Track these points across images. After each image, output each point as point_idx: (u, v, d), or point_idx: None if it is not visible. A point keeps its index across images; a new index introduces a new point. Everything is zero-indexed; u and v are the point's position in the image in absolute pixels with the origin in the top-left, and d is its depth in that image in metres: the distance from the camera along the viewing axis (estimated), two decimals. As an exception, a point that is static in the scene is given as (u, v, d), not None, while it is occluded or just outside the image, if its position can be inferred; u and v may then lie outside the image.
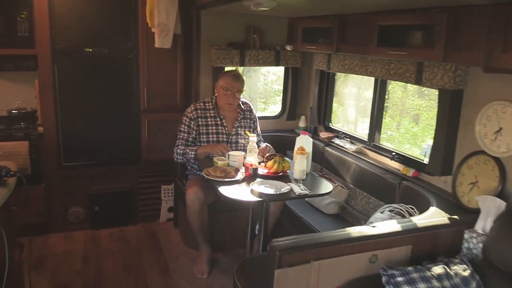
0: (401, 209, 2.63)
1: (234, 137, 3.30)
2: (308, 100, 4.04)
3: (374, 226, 2.03)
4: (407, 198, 2.70)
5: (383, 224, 2.10)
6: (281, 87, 4.33)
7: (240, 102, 3.36)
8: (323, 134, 3.68)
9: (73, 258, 3.37)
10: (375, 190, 2.98)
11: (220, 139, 3.27)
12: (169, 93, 3.80)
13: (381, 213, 2.70)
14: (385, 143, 3.27)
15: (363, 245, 1.89)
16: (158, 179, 3.99)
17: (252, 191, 2.50)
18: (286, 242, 1.79)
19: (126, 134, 3.80)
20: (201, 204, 2.97)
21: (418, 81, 2.54)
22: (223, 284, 3.03)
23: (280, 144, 3.80)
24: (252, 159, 2.74)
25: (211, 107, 3.29)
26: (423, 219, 2.16)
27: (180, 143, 3.27)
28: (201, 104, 3.30)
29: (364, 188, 3.10)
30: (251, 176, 2.73)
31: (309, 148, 2.84)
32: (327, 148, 3.55)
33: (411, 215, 2.56)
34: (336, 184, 3.16)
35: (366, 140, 3.30)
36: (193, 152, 3.15)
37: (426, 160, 2.74)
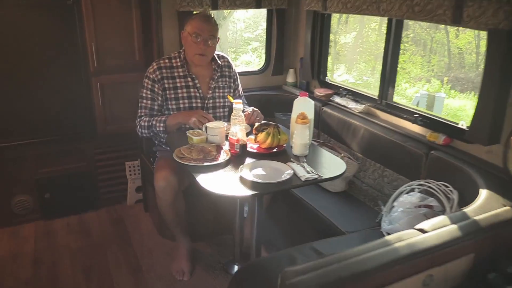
0: (434, 188, 2.06)
1: (210, 102, 2.61)
2: (297, 49, 3.33)
3: (423, 231, 1.44)
4: (437, 172, 2.14)
5: (431, 222, 1.51)
6: (252, 35, 3.58)
7: (216, 56, 2.64)
8: (319, 91, 3.02)
9: (20, 262, 2.71)
10: (393, 162, 2.40)
11: (194, 105, 2.58)
12: (125, 48, 3.01)
13: (407, 194, 2.13)
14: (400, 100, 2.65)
15: (414, 265, 1.30)
16: (120, 154, 3.29)
17: (241, 178, 1.86)
18: (306, 277, 1.18)
19: (74, 103, 3.04)
20: (174, 192, 2.32)
21: (457, 20, 1.89)
22: (209, 286, 2.46)
23: (266, 105, 3.14)
24: (239, 132, 2.08)
25: (179, 64, 2.56)
26: (481, 211, 1.58)
27: (143, 113, 2.56)
28: (166, 61, 2.56)
29: (377, 159, 2.51)
30: (238, 155, 2.09)
31: (311, 115, 2.19)
32: (325, 109, 2.91)
33: (447, 197, 2.00)
34: (342, 155, 2.55)
35: (376, 97, 2.67)
36: (161, 124, 2.46)
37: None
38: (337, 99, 2.87)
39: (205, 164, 1.97)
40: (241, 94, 2.85)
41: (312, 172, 1.93)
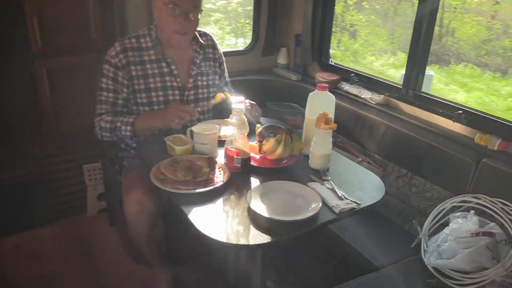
0: (490, 207, 1.61)
1: (192, 93, 2.03)
2: (290, 24, 2.76)
3: None
4: (491, 186, 1.68)
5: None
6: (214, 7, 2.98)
7: (197, 34, 2.04)
8: (322, 76, 2.49)
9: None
10: (427, 170, 1.92)
11: (170, 97, 1.99)
12: (77, 23, 2.34)
13: (455, 213, 1.67)
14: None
15: None
16: (76, 156, 2.65)
17: (251, 213, 1.33)
18: None
19: (15, 95, 2.35)
20: (151, 220, 1.76)
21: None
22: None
23: (254, 93, 2.57)
24: (241, 142, 1.53)
25: (149, 44, 1.95)
26: None
27: (103, 110, 1.95)
28: (133, 40, 1.94)
29: (403, 164, 2.03)
30: (239, 172, 1.55)
31: (331, 115, 1.66)
32: (331, 98, 2.38)
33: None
34: (360, 159, 2.06)
35: (399, 86, 2.16)
36: (128, 128, 1.86)
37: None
38: (346, 87, 2.35)
39: (197, 190, 1.41)
40: (228, 81, 2.28)
41: (345, 198, 1.42)
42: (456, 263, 1.51)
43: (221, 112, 2.26)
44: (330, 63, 2.58)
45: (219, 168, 1.56)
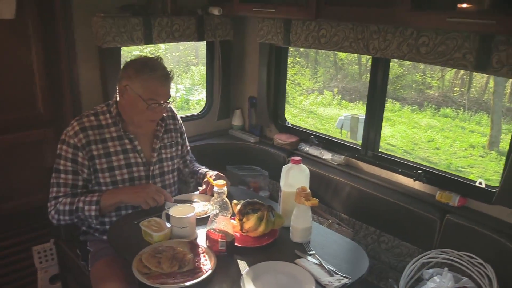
0: (462, 263, 1.71)
1: (157, 167, 1.98)
2: (244, 87, 2.82)
3: None
4: (458, 241, 1.80)
5: None
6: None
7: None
8: (280, 138, 2.55)
9: None
10: (395, 227, 2.01)
11: (135, 174, 1.91)
12: (22, 96, 2.21)
13: (434, 274, 1.75)
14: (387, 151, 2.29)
15: None
16: (22, 238, 2.42)
17: (247, 301, 1.29)
18: None
19: None
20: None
21: (482, 66, 1.57)
22: None
23: (213, 157, 2.58)
24: (226, 226, 1.50)
25: (109, 121, 1.88)
26: None
27: (61, 193, 1.83)
28: (91, 118, 1.86)
29: (370, 222, 2.11)
30: (226, 254, 1.51)
31: (307, 186, 1.69)
32: (292, 160, 2.44)
33: (481, 274, 1.66)
34: (330, 221, 2.10)
35: (357, 146, 2.27)
36: (93, 207, 1.76)
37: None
38: (306, 148, 2.42)
39: (187, 284, 1.35)
40: (189, 149, 2.25)
41: (335, 273, 1.44)
42: (440, 323, 1.57)
43: (186, 182, 2.22)
44: (287, 124, 2.66)
45: (203, 253, 1.51)
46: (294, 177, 1.68)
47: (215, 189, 1.50)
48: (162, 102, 1.79)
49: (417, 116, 10.55)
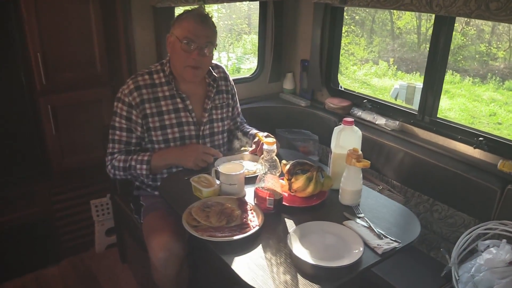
0: (522, 236, 1.61)
1: (207, 127, 2.00)
2: (296, 50, 2.76)
3: None
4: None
5: None
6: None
7: (209, 67, 2.02)
8: (332, 102, 2.48)
9: None
10: (450, 196, 1.93)
11: (186, 133, 1.95)
12: (82, 57, 2.28)
13: (490, 245, 1.66)
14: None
15: None
16: (82, 192, 2.57)
17: (294, 259, 1.29)
18: None
19: (19, 133, 2.27)
20: (179, 263, 1.71)
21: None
22: None
23: (263, 120, 2.57)
24: (274, 184, 1.50)
25: (163, 80, 1.91)
26: None
27: (116, 150, 1.90)
28: (146, 77, 1.90)
29: (423, 190, 2.03)
30: (272, 212, 1.51)
31: (359, 149, 1.64)
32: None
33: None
34: (381, 187, 2.05)
35: (414, 112, 2.17)
36: (144, 166, 1.83)
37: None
38: (359, 113, 2.35)
39: (235, 237, 1.37)
40: (240, 112, 2.25)
41: (385, 236, 1.40)
42: (495, 295, 1.51)
43: (233, 144, 2.23)
44: (340, 88, 2.58)
45: (250, 210, 1.52)
46: (346, 139, 1.63)
47: (265, 146, 1.49)
48: (198, 43, 1.77)
49: (479, 89, 9.93)
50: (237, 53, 10.44)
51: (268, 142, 1.49)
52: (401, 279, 1.77)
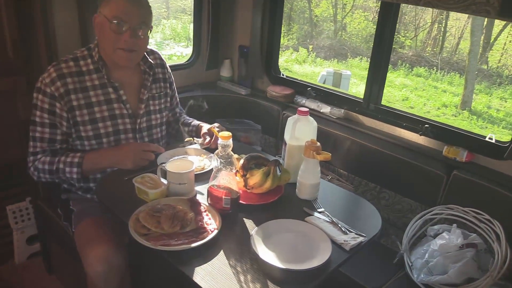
0: (469, 219, 1.67)
1: (144, 120, 1.80)
2: (234, 35, 2.62)
3: None
4: (463, 198, 1.74)
5: None
6: None
7: (145, 54, 1.81)
8: (274, 90, 2.40)
9: None
10: (396, 183, 1.94)
11: (121, 127, 1.74)
12: (-11, 41, 1.95)
13: (439, 230, 1.70)
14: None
15: None
16: (-4, 197, 2.24)
17: (261, 263, 1.19)
18: None
19: None
20: (120, 275, 1.52)
21: (506, 12, 1.45)
22: None
23: (201, 110, 2.41)
24: (230, 182, 1.37)
25: (91, 67, 1.68)
26: None
27: (39, 148, 1.65)
28: (70, 64, 1.65)
29: (370, 178, 2.03)
30: (229, 212, 1.39)
31: (315, 139, 1.57)
32: (288, 113, 2.31)
33: (488, 230, 1.62)
34: (330, 177, 2.01)
35: (359, 99, 2.15)
36: (74, 170, 1.61)
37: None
38: (303, 101, 2.28)
39: (193, 245, 1.23)
40: (178, 101, 2.08)
41: (350, 231, 1.35)
42: (449, 279, 1.54)
43: (175, 135, 2.06)
44: (281, 76, 2.50)
45: (205, 211, 1.38)
46: (301, 130, 1.55)
47: (220, 141, 1.35)
48: (130, 23, 1.57)
49: (391, 75, 10.56)
50: (156, 39, 10.00)
51: (224, 136, 1.35)
52: (354, 268, 1.75)
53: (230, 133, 1.36)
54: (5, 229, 2.29)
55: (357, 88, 9.59)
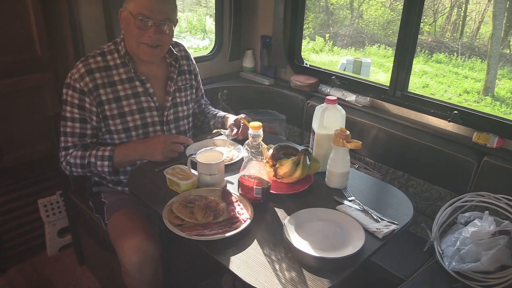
0: (501, 205, 1.64)
1: (171, 112, 1.82)
2: (256, 25, 2.61)
3: None
4: (494, 184, 1.72)
5: None
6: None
7: (170, 46, 1.83)
8: (298, 79, 2.39)
9: None
10: (425, 171, 1.92)
11: (149, 120, 1.76)
12: (18, 38, 1.99)
13: (470, 217, 1.68)
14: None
15: None
16: (28, 191, 2.30)
17: (294, 251, 1.20)
18: None
19: None
20: (155, 266, 1.55)
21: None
22: None
23: (227, 103, 2.43)
24: (261, 171, 1.38)
25: (118, 62, 1.70)
26: None
27: (70, 144, 1.68)
28: (98, 59, 1.67)
29: (398, 166, 2.01)
30: (260, 202, 1.40)
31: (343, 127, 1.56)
32: (312, 102, 2.30)
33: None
34: (357, 166, 2.00)
35: (385, 87, 2.13)
36: (105, 163, 1.64)
37: None
38: (327, 90, 2.27)
39: (227, 234, 1.24)
40: (203, 93, 2.09)
41: (382, 219, 1.34)
42: (482, 266, 1.52)
43: (201, 127, 2.08)
44: (305, 65, 2.48)
45: (236, 201, 1.40)
46: (330, 118, 1.54)
47: (250, 131, 1.36)
48: (154, 19, 1.57)
49: (410, 62, 10.36)
50: (172, 33, 10.02)
51: (254, 126, 1.35)
52: (384, 256, 1.74)
53: (260, 123, 1.36)
54: (37, 222, 2.36)
55: (376, 76, 9.46)
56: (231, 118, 1.86)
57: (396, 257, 1.74)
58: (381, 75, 9.69)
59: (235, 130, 1.78)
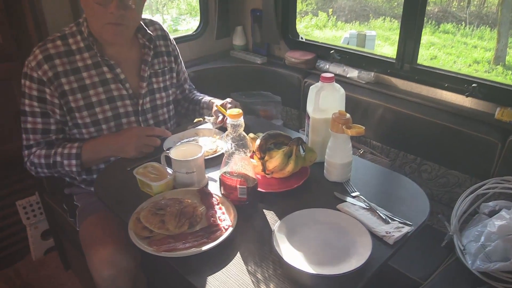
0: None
1: (147, 100, 1.59)
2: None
3: None
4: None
5: None
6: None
7: (143, 24, 1.58)
8: (293, 55, 2.13)
9: None
10: (443, 154, 1.68)
11: (121, 110, 1.53)
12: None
13: (499, 208, 1.44)
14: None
15: None
16: (4, 192, 2.11)
17: (284, 267, 0.98)
18: None
19: None
20: (130, 279, 1.34)
21: None
22: None
23: (214, 83, 2.19)
24: (238, 162, 1.15)
25: (81, 45, 1.47)
26: None
27: (32, 141, 1.48)
28: (58, 42, 1.44)
29: (409, 149, 1.77)
30: (247, 203, 1.17)
31: (343, 109, 1.32)
32: (310, 81, 2.05)
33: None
34: (362, 151, 1.77)
35: (391, 60, 1.87)
36: (73, 162, 1.42)
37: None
38: (326, 66, 2.02)
39: (204, 248, 1.02)
40: (186, 76, 1.85)
41: (392, 219, 1.11)
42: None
43: (186, 114, 1.85)
44: (300, 39, 2.22)
45: (217, 204, 1.18)
46: (327, 100, 1.30)
47: (229, 121, 1.13)
48: None
49: (417, 33, 9.98)
50: (172, 15, 9.74)
51: (233, 114, 1.12)
52: (396, 255, 1.52)
53: (240, 110, 1.12)
54: (18, 225, 2.17)
55: (381, 50, 9.11)
56: (217, 102, 1.63)
57: (410, 255, 1.51)
58: (387, 48, 9.35)
59: (220, 117, 1.55)
